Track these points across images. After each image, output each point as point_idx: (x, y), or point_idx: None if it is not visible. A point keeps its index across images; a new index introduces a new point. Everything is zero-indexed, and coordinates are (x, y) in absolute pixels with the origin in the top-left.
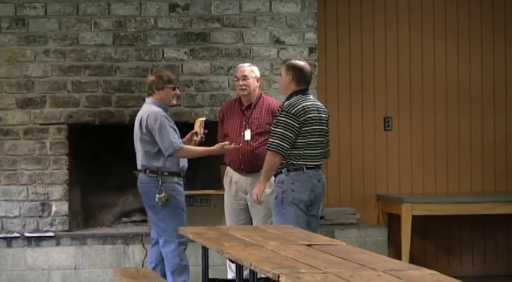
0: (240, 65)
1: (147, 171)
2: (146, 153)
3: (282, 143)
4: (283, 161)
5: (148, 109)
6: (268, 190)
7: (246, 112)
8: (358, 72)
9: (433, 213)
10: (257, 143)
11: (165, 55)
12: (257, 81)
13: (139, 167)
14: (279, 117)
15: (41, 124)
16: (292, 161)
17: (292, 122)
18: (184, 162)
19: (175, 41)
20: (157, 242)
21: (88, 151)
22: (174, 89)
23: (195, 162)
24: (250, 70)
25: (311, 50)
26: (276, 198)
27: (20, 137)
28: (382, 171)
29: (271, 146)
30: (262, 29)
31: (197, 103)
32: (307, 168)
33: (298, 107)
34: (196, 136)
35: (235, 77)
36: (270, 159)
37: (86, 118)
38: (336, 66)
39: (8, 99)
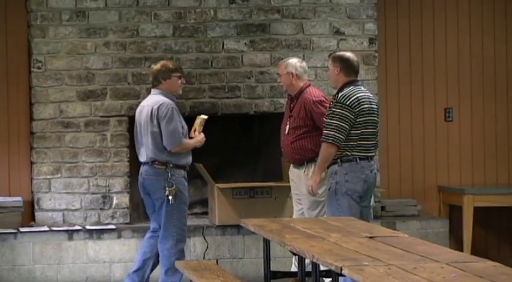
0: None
1: (155, 163)
2: (156, 146)
3: (338, 135)
4: (336, 153)
5: (158, 99)
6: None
7: (291, 105)
8: (419, 62)
9: (495, 205)
10: (292, 137)
11: (225, 47)
12: (291, 76)
13: (145, 159)
14: (333, 109)
15: (101, 116)
16: (345, 152)
17: (347, 113)
18: (190, 157)
19: (235, 32)
20: (156, 236)
21: None
22: (180, 77)
23: (255, 154)
24: (283, 66)
25: (371, 41)
26: (329, 189)
27: (81, 130)
28: (443, 162)
29: (328, 137)
30: (322, 19)
31: (257, 94)
32: (360, 159)
33: (353, 98)
34: (194, 133)
35: None
36: (326, 151)
37: None
38: (396, 56)
39: (69, 91)
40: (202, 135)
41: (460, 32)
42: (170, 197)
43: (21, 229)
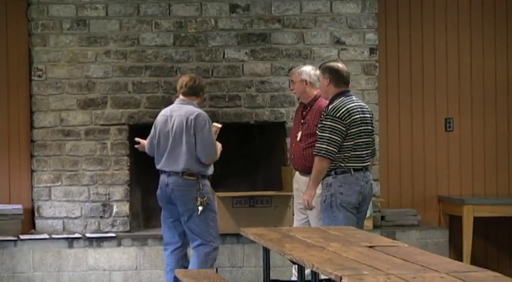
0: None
1: (185, 174)
2: (191, 156)
3: (330, 148)
4: (330, 165)
5: (193, 110)
6: (317, 192)
7: (303, 113)
8: (419, 72)
9: (495, 215)
10: (304, 144)
11: (225, 56)
12: (305, 83)
13: (177, 169)
14: (324, 122)
15: (102, 125)
16: (340, 164)
17: (338, 126)
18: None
19: (235, 41)
20: (178, 248)
21: None
22: None
23: (256, 163)
24: (297, 73)
25: (372, 51)
26: (324, 201)
27: (81, 138)
28: (443, 172)
29: (320, 151)
30: (322, 29)
31: (257, 104)
32: (354, 170)
33: (343, 110)
34: None
35: None
36: (319, 165)
37: (147, 119)
38: (396, 66)
39: (70, 100)
40: (220, 144)
41: (460, 41)
42: (200, 208)
43: (22, 237)
